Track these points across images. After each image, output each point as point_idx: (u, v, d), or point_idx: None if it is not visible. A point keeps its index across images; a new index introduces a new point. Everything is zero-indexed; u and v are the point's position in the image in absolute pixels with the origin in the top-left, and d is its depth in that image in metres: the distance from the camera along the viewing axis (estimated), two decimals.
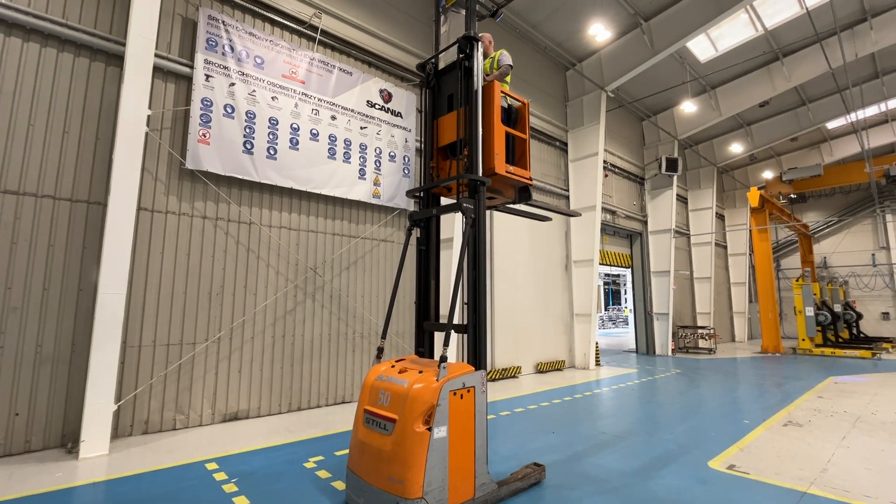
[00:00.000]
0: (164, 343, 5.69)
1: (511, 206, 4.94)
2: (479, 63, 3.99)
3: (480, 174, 3.83)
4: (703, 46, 12.93)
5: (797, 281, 16.82)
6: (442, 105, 4.43)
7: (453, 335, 7.48)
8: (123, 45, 5.42)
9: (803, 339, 16.24)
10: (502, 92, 4.28)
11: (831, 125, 18.20)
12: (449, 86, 4.34)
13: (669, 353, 15.31)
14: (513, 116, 4.52)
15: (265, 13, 6.88)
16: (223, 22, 6.34)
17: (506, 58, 4.60)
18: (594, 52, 12.20)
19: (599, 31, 11.09)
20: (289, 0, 7.14)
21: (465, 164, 3.89)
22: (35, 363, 4.85)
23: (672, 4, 10.72)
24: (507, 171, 4.12)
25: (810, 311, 16.20)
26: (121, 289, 4.91)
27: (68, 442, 4.88)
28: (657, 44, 11.06)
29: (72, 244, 5.17)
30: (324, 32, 7.47)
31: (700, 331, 16.64)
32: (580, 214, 7.97)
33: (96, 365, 4.73)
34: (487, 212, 10.00)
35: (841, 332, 17.89)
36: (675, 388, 9.21)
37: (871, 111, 16.62)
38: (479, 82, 3.95)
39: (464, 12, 4.28)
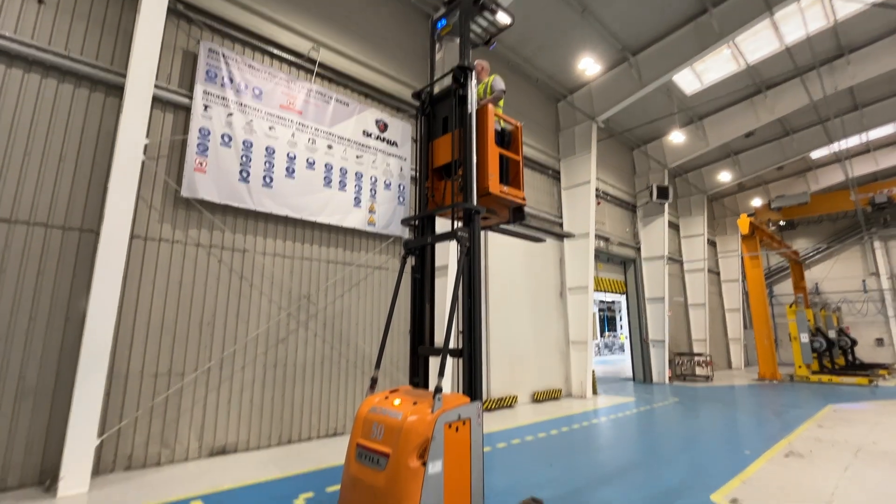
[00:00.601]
0: (151, 374, 5.55)
1: (505, 226, 4.97)
2: (473, 91, 4.08)
3: (475, 194, 3.87)
4: (689, 80, 13.40)
5: (790, 307, 16.88)
6: (437, 128, 4.50)
7: (449, 362, 7.36)
8: (124, 76, 5.51)
9: (800, 366, 16.17)
10: (496, 115, 4.38)
11: (815, 155, 18.72)
12: (444, 111, 4.43)
13: (667, 380, 15.15)
14: (506, 139, 4.60)
15: (265, 47, 7.06)
16: (223, 55, 6.49)
17: (499, 83, 4.73)
18: (584, 84, 12.58)
19: (589, 65, 11.48)
20: (288, 34, 7.35)
21: (459, 185, 3.93)
22: (16, 396, 4.69)
23: (658, 40, 11.16)
24: (501, 191, 4.17)
25: (805, 338, 16.19)
26: (109, 318, 4.82)
27: (46, 479, 4.66)
28: (644, 77, 11.45)
29: (61, 272, 5.10)
30: (322, 65, 7.67)
31: (697, 358, 16.53)
32: (573, 235, 8.00)
33: (80, 397, 4.59)
34: (482, 238, 10.08)
35: (837, 358, 17.86)
36: (674, 417, 9.06)
37: (853, 141, 17.13)
38: (472, 107, 4.04)
39: (458, 40, 4.41)
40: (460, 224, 3.97)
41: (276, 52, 7.17)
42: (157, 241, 5.80)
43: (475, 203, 3.83)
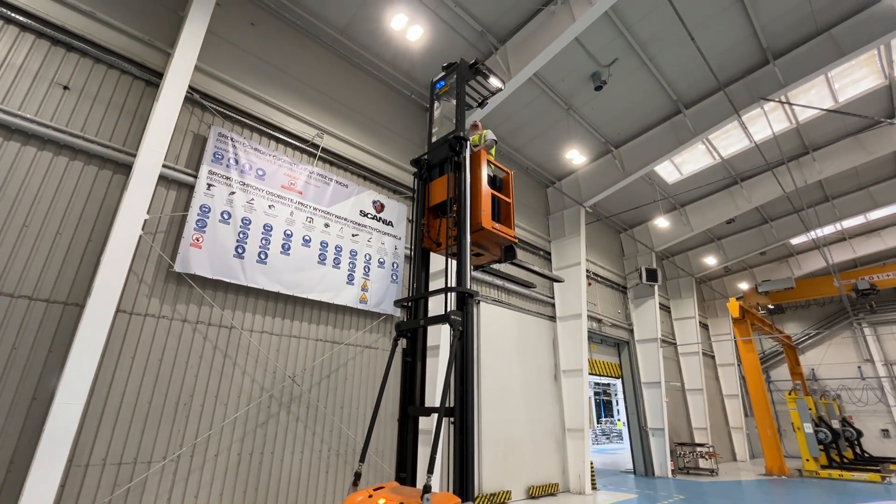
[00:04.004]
0: (115, 462, 5.10)
1: (496, 265, 5.07)
2: (468, 159, 4.35)
3: (468, 230, 3.96)
4: (670, 170, 14.28)
5: (790, 394, 16.45)
6: (434, 175, 4.75)
7: (438, 455, 6.89)
8: (134, 155, 5.76)
9: (807, 460, 15.36)
10: (488, 161, 4.69)
11: (795, 241, 19.43)
12: (440, 158, 4.68)
13: (669, 473, 14.20)
14: (498, 184, 4.90)
15: (272, 132, 7.50)
16: (231, 139, 6.86)
17: (491, 134, 5.22)
18: (571, 172, 13.34)
19: (575, 156, 12.27)
20: (294, 122, 7.85)
21: (454, 220, 4.07)
22: None
23: (638, 135, 12.08)
24: (493, 227, 4.37)
25: (809, 428, 15.57)
26: (79, 399, 4.55)
27: None
28: (627, 167, 12.20)
29: (37, 348, 4.89)
30: (324, 150, 8.10)
31: (699, 449, 15.68)
32: (563, 280, 7.99)
33: (32, 489, 4.17)
34: (474, 319, 9.97)
35: (844, 451, 17.04)
36: None
37: (829, 230, 17.91)
38: (467, 163, 4.30)
39: (454, 100, 4.78)
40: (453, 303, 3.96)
41: (281, 137, 7.60)
42: (143, 316, 5.66)
43: (468, 284, 3.85)
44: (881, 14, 8.68)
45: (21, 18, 5.42)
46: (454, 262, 3.99)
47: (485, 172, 4.55)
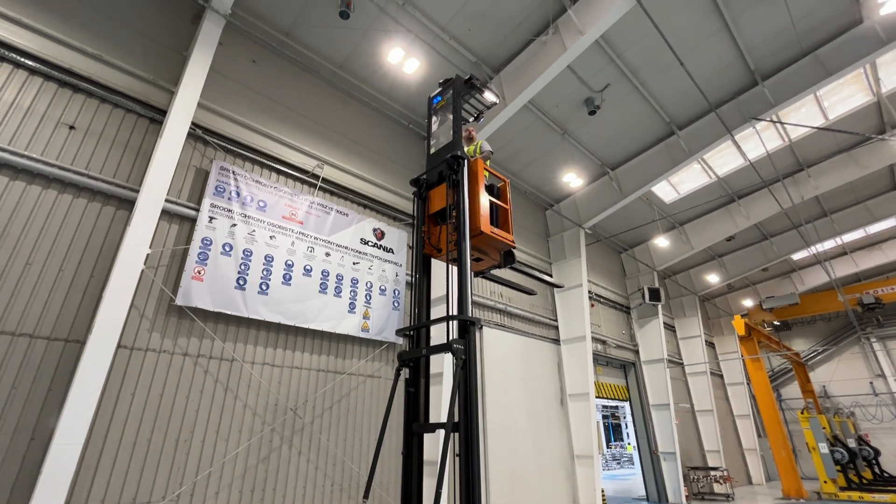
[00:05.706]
0: (113, 503, 4.97)
1: (496, 272, 5.12)
2: (466, 176, 4.43)
3: (468, 236, 3.99)
4: (667, 190, 14.40)
5: (802, 413, 16.09)
6: (433, 184, 4.82)
7: (444, 488, 6.71)
8: (137, 191, 5.84)
9: (825, 482, 14.89)
10: (486, 169, 4.80)
11: (796, 257, 19.40)
12: (439, 168, 4.75)
13: (683, 500, 13.75)
14: (495, 192, 5.00)
15: (272, 164, 7.62)
16: (233, 172, 6.98)
17: (486, 145, 5.40)
18: (569, 194, 13.46)
19: (573, 179, 12.41)
20: (295, 154, 7.99)
21: (453, 225, 4.14)
22: None
23: (633, 157, 12.24)
24: (492, 232, 4.43)
25: (824, 448, 15.16)
26: (79, 438, 4.48)
27: None
28: (625, 189, 12.32)
29: (37, 386, 4.84)
30: (324, 180, 8.21)
31: (713, 472, 15.24)
32: (562, 286, 7.95)
33: None
34: (477, 345, 9.87)
35: (862, 471, 16.54)
36: None
37: (829, 244, 17.89)
38: (465, 171, 4.40)
39: (451, 115, 4.94)
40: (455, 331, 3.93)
41: (282, 168, 7.72)
42: (144, 351, 5.62)
43: (469, 310, 3.84)
44: (863, 35, 8.94)
45: (31, 63, 5.59)
46: (455, 273, 4.02)
47: (482, 179, 4.68)
